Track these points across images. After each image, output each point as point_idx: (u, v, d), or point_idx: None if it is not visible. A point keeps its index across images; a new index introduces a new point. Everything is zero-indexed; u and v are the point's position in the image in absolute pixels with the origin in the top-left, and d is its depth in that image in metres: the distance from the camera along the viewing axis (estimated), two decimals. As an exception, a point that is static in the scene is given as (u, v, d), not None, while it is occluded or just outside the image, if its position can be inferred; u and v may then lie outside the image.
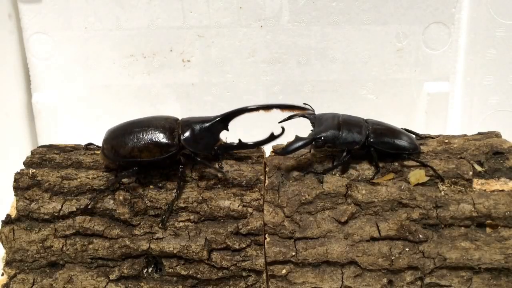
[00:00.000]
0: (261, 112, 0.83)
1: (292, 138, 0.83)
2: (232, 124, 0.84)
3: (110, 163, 0.83)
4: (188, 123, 0.82)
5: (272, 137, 0.82)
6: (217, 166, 0.82)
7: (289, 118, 0.87)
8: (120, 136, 0.82)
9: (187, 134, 0.81)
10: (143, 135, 0.81)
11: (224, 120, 0.83)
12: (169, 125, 0.82)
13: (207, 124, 0.82)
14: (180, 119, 0.84)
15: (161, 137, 0.81)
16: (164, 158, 0.81)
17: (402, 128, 0.87)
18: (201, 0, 1.12)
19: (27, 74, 1.18)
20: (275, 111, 0.81)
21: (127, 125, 0.84)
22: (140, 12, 1.13)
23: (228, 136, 0.85)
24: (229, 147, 0.84)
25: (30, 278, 0.81)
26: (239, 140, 0.83)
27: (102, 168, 0.84)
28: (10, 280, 0.81)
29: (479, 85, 1.17)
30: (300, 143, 0.80)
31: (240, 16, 1.13)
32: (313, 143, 0.81)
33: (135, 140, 0.81)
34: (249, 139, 0.84)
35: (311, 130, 0.82)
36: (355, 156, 0.82)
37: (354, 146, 0.80)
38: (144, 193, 0.81)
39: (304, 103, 0.87)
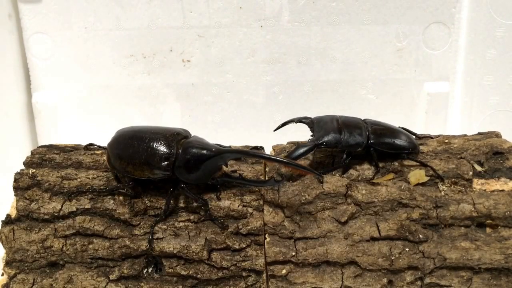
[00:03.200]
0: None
1: (291, 137, 0.83)
2: (233, 123, 0.83)
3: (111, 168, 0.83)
4: (187, 150, 0.78)
5: (275, 181, 0.77)
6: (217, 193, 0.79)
7: (284, 124, 0.86)
8: (120, 148, 0.80)
9: (181, 163, 0.77)
10: (139, 153, 0.78)
11: (223, 156, 0.78)
12: (167, 148, 0.78)
13: (205, 157, 0.77)
14: (186, 139, 0.80)
15: (154, 162, 0.77)
16: (157, 180, 0.79)
17: (400, 127, 0.86)
18: (201, 0, 1.12)
19: (27, 74, 1.18)
20: (277, 114, 0.80)
21: (129, 137, 0.81)
22: (140, 12, 1.13)
23: (228, 135, 0.85)
24: (228, 179, 0.80)
25: (30, 278, 0.81)
26: (240, 175, 0.80)
27: (102, 168, 0.84)
28: (10, 280, 0.81)
29: (479, 85, 1.17)
30: (302, 150, 0.79)
31: (240, 16, 1.13)
32: (315, 148, 0.80)
33: (130, 158, 0.78)
34: (249, 138, 0.83)
35: (311, 135, 0.82)
36: (355, 156, 0.82)
37: (357, 148, 0.80)
38: (144, 193, 0.81)
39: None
